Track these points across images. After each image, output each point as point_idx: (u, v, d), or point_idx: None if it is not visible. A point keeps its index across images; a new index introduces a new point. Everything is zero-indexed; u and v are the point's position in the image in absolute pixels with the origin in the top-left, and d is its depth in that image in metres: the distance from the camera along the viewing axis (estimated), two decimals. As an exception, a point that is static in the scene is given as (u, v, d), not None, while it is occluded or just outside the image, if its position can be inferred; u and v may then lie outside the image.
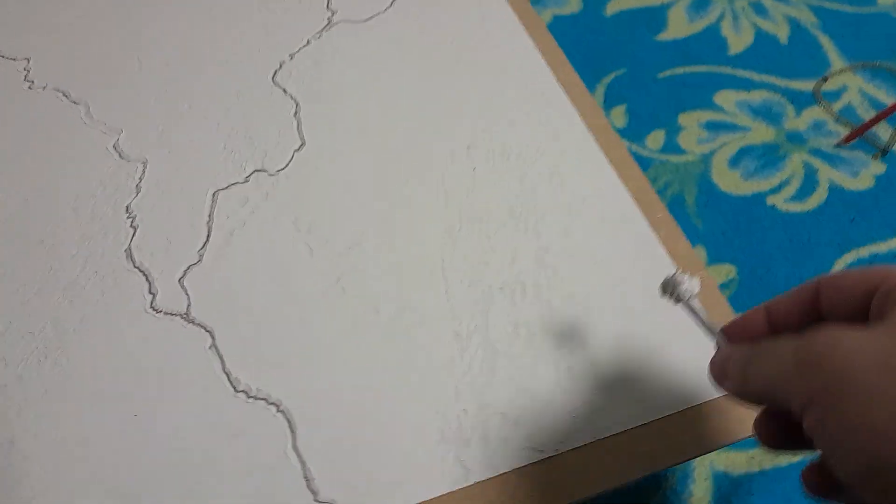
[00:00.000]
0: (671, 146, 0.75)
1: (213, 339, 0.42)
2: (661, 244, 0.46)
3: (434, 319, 0.43)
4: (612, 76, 0.81)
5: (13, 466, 0.38)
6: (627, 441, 0.38)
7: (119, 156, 0.50)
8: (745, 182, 0.72)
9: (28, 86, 0.54)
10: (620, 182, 0.48)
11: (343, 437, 0.39)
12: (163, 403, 0.40)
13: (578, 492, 0.37)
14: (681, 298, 0.34)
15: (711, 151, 0.74)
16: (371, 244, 0.46)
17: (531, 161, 0.50)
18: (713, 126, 0.76)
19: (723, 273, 0.64)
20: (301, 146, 0.51)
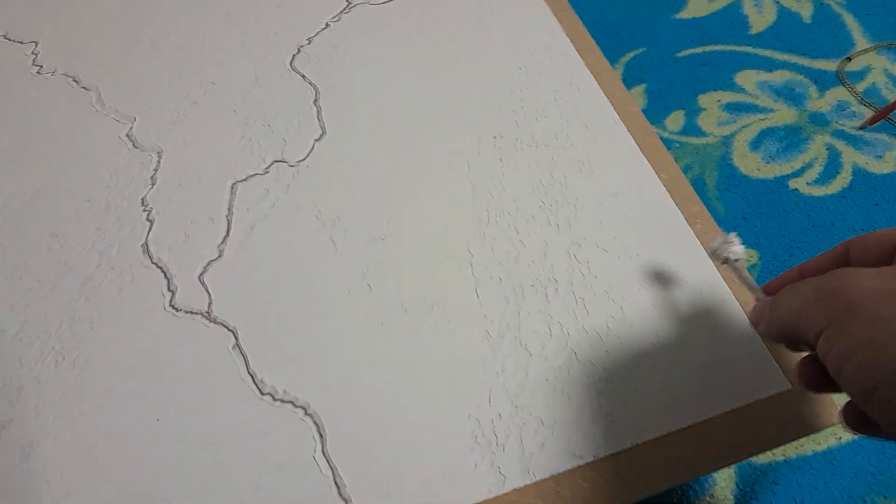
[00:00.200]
0: (691, 128, 0.73)
1: (237, 339, 0.41)
2: (698, 239, 0.44)
3: (464, 318, 0.41)
4: (631, 55, 0.79)
5: (33, 472, 0.37)
6: (668, 445, 0.37)
7: (133, 145, 0.48)
8: (767, 165, 0.70)
9: (36, 70, 0.52)
10: (654, 173, 0.47)
11: (374, 443, 0.37)
12: (186, 407, 0.39)
13: (620, 498, 0.36)
14: (728, 259, 0.39)
15: (732, 133, 0.73)
16: (396, 238, 0.45)
17: (561, 150, 0.48)
18: (734, 107, 0.75)
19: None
20: (321, 135, 0.49)
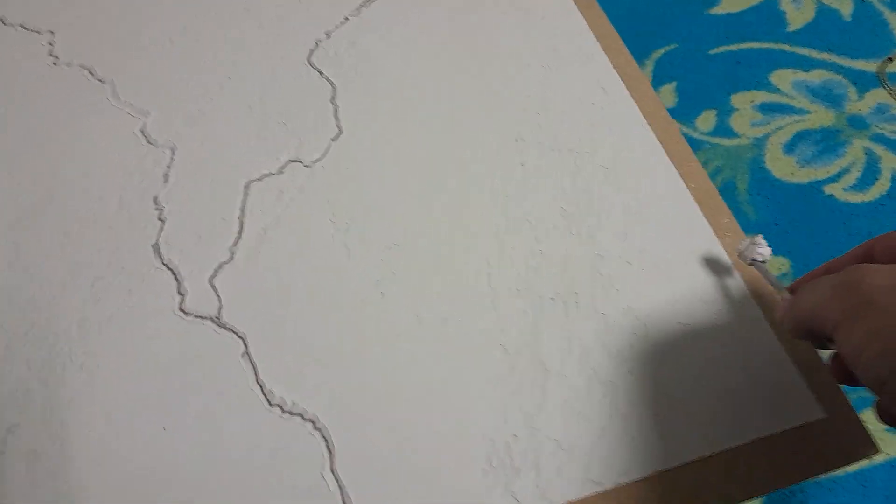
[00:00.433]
0: (723, 129, 0.71)
1: (246, 347, 0.40)
2: (727, 252, 0.42)
3: (479, 331, 0.40)
4: (662, 52, 0.77)
5: (39, 482, 0.36)
6: (692, 473, 0.36)
7: (146, 140, 0.47)
8: (802, 169, 0.68)
9: (52, 62, 0.51)
10: (682, 181, 0.45)
11: (384, 461, 0.36)
12: (193, 417, 0.38)
13: (638, 527, 0.35)
14: (755, 261, 0.40)
15: (766, 135, 0.70)
16: (411, 245, 0.43)
17: (585, 156, 0.46)
18: (768, 108, 0.72)
19: (775, 266, 0.61)
20: (338, 135, 0.47)
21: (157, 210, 0.44)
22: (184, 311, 0.41)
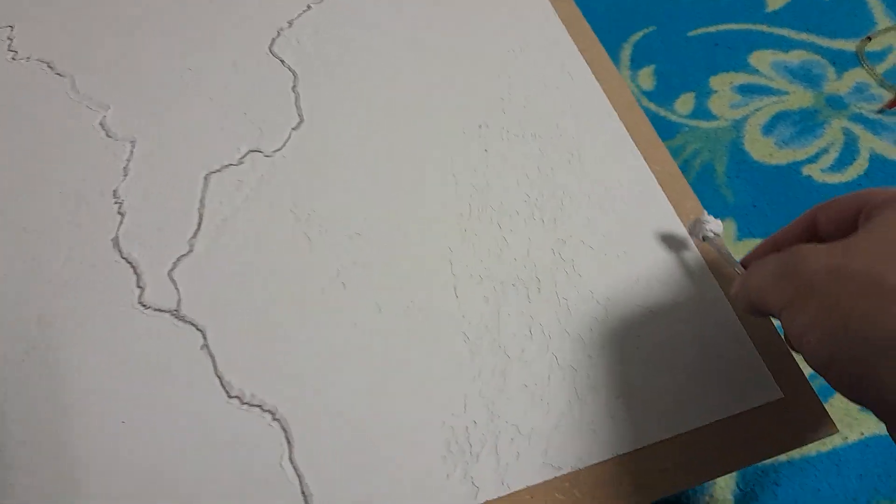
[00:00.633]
0: (701, 111, 0.70)
1: (205, 339, 0.39)
2: (690, 236, 0.42)
3: (441, 319, 0.40)
4: (640, 35, 0.76)
5: (-4, 476, 0.36)
6: (651, 456, 0.35)
7: (106, 134, 0.47)
8: (780, 150, 0.67)
9: (11, 56, 0.51)
10: (646, 165, 0.44)
11: (343, 450, 0.36)
12: (152, 410, 0.37)
13: (597, 512, 0.34)
14: (707, 237, 0.40)
15: (744, 117, 0.70)
16: (373, 234, 0.43)
17: (550, 141, 0.46)
18: (747, 89, 0.72)
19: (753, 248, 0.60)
20: (299, 124, 0.47)
21: (117, 203, 0.44)
22: (143, 305, 0.40)
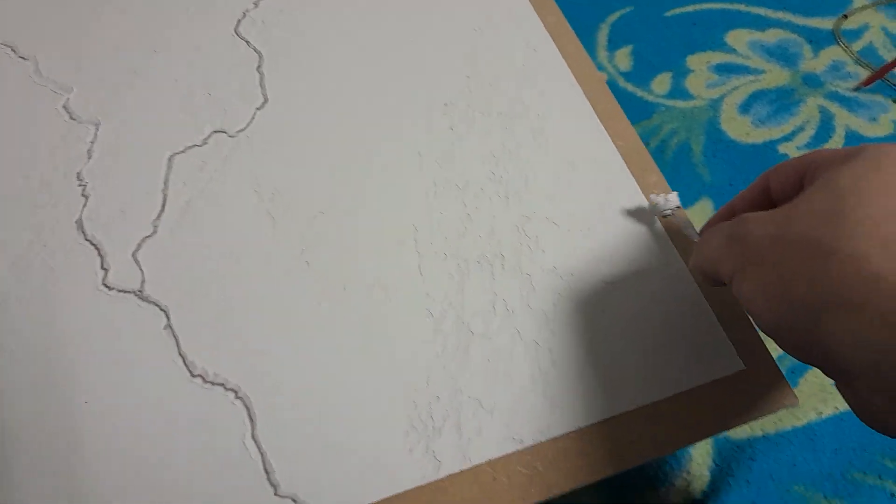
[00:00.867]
0: (678, 90, 0.70)
1: (168, 319, 0.39)
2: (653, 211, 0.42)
3: (405, 296, 0.39)
4: (617, 15, 0.76)
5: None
6: (613, 429, 0.35)
7: (70, 117, 0.46)
8: (757, 129, 0.67)
9: (-26, 41, 0.50)
10: (610, 140, 0.44)
11: (305, 426, 0.36)
12: (115, 390, 0.37)
13: (559, 485, 0.34)
14: (666, 215, 0.41)
15: (721, 96, 0.70)
16: (338, 212, 0.42)
17: (515, 118, 0.46)
18: (724, 68, 0.72)
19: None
20: (263, 103, 0.47)
21: (81, 186, 0.44)
22: (107, 286, 0.40)
